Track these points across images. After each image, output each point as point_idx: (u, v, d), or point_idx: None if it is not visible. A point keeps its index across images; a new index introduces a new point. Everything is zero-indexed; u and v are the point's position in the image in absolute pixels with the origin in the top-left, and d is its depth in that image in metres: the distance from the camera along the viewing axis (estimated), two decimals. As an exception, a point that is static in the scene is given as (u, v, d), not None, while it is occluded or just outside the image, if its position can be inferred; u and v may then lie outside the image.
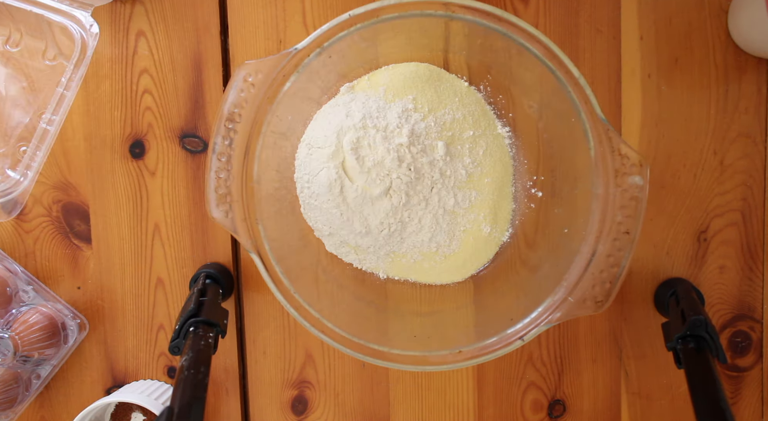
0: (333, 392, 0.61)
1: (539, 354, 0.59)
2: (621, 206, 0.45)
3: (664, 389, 0.59)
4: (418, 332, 0.52)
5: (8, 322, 0.59)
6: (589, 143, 0.45)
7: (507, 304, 0.53)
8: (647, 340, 0.59)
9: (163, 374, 0.62)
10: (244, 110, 0.46)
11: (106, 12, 0.58)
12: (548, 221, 0.53)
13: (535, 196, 0.54)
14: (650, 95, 0.56)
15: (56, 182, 0.60)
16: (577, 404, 0.60)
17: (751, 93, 0.56)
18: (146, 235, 0.60)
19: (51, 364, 0.61)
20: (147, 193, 0.60)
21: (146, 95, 0.59)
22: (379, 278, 0.57)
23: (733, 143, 0.56)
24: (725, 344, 0.58)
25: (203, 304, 0.51)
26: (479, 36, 0.51)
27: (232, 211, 0.47)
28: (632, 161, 0.44)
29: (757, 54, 0.55)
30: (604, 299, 0.45)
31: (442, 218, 0.54)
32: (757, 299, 0.58)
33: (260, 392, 0.62)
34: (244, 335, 0.61)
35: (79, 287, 0.62)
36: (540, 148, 0.54)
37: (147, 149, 0.60)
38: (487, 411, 0.60)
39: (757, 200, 0.57)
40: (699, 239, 0.57)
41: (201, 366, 0.44)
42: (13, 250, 0.61)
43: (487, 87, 0.55)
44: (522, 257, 0.55)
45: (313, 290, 0.53)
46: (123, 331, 0.62)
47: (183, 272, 0.61)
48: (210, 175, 0.46)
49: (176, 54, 0.59)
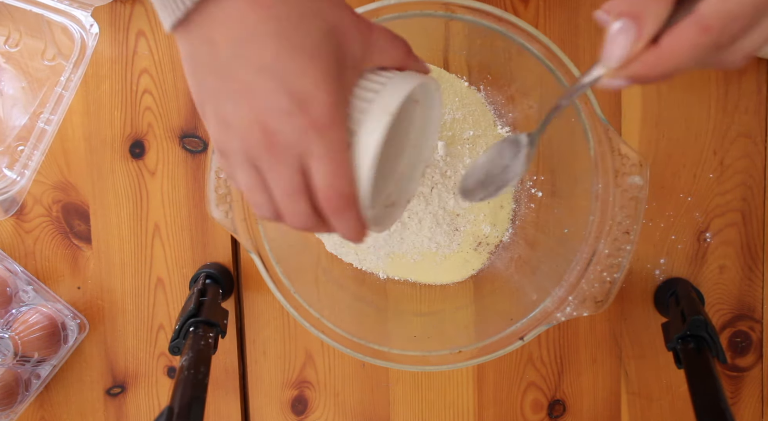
0: (333, 392, 0.61)
1: (539, 354, 0.59)
2: (621, 206, 0.45)
3: (664, 389, 0.59)
4: (418, 332, 0.52)
5: (8, 322, 0.59)
6: (589, 143, 0.45)
7: (507, 304, 0.53)
8: (647, 340, 0.59)
9: (163, 374, 0.62)
10: (244, 110, 0.46)
11: (106, 12, 0.58)
12: (548, 221, 0.53)
13: (535, 197, 0.54)
14: (650, 95, 0.56)
15: (56, 182, 0.60)
16: (577, 404, 0.60)
17: (751, 93, 0.56)
18: (146, 235, 0.60)
19: (51, 364, 0.61)
20: (147, 193, 0.60)
21: (146, 95, 0.59)
22: (379, 278, 0.57)
23: (733, 143, 0.56)
24: (725, 344, 0.58)
25: (203, 304, 0.51)
26: (479, 36, 0.51)
27: (232, 211, 0.47)
28: (632, 161, 0.44)
29: (757, 54, 0.55)
30: (604, 299, 0.45)
31: (442, 218, 0.54)
32: (757, 299, 0.58)
33: (260, 392, 0.62)
34: (244, 335, 0.61)
35: (79, 287, 0.62)
36: (540, 148, 0.54)
37: (147, 149, 0.60)
38: (487, 411, 0.60)
39: (757, 200, 0.57)
40: (699, 239, 0.57)
41: (201, 366, 0.44)
42: (13, 250, 0.61)
43: (487, 87, 0.55)
44: (522, 257, 0.55)
45: (313, 290, 0.53)
46: (123, 331, 0.62)
47: (183, 272, 0.61)
48: (210, 175, 0.46)
49: (176, 54, 0.59)
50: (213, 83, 0.30)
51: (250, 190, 0.31)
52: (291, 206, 0.31)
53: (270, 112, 0.29)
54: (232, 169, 0.32)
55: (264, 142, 0.29)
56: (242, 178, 0.31)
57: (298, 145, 0.29)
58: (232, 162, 0.31)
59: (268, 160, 0.30)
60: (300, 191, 0.30)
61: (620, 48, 0.26)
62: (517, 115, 0.54)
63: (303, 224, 0.32)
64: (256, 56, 0.28)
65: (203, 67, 0.30)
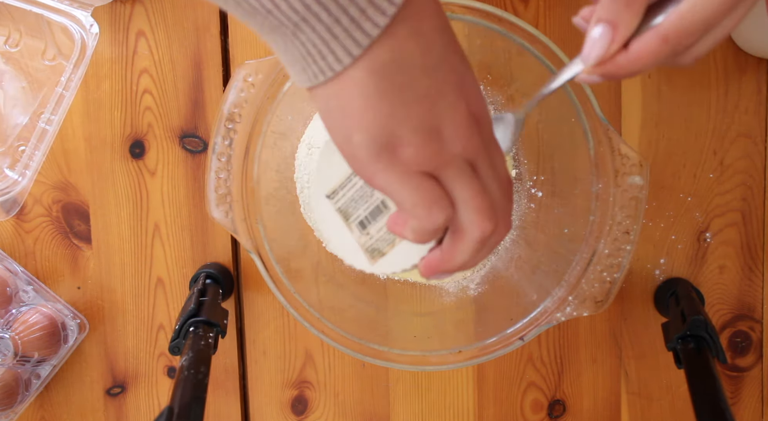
0: (333, 392, 0.61)
1: (539, 354, 0.59)
2: (621, 206, 0.45)
3: (664, 389, 0.59)
4: (418, 332, 0.52)
5: (8, 322, 0.59)
6: (589, 143, 0.45)
7: (507, 304, 0.53)
8: (647, 340, 0.59)
9: (163, 374, 0.62)
10: (244, 110, 0.46)
11: (106, 12, 0.58)
12: (548, 221, 0.53)
13: (535, 196, 0.54)
14: (650, 95, 0.56)
15: (56, 182, 0.60)
16: (577, 404, 0.60)
17: (751, 93, 0.56)
18: (146, 235, 0.60)
19: (51, 364, 0.61)
20: (147, 193, 0.60)
21: (146, 95, 0.59)
22: (379, 278, 0.57)
23: (733, 143, 0.56)
24: (725, 344, 0.58)
25: (203, 304, 0.51)
26: (479, 36, 0.51)
27: (232, 211, 0.47)
28: (632, 161, 0.44)
29: (757, 54, 0.55)
30: (604, 299, 0.45)
31: (442, 218, 0.54)
32: (757, 299, 0.58)
33: (260, 392, 0.62)
34: (244, 335, 0.61)
35: (79, 287, 0.62)
36: (540, 148, 0.54)
37: (147, 149, 0.60)
38: (487, 411, 0.60)
39: (757, 200, 0.57)
40: (699, 239, 0.57)
41: (201, 366, 0.44)
42: (13, 250, 0.61)
43: (487, 87, 0.55)
44: (522, 257, 0.55)
45: (313, 290, 0.53)
46: (123, 331, 0.62)
47: (183, 272, 0.61)
48: (210, 175, 0.46)
49: (176, 54, 0.59)
50: (424, 86, 0.28)
51: (479, 194, 0.30)
52: (506, 201, 0.32)
53: (477, 99, 0.29)
54: (451, 180, 0.30)
55: (479, 134, 0.29)
56: (466, 187, 0.30)
57: (492, 132, 0.31)
58: (450, 174, 0.29)
59: (485, 154, 0.30)
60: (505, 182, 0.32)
61: (598, 49, 0.31)
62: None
63: (510, 223, 0.33)
64: (457, 44, 0.29)
65: (413, 71, 0.27)
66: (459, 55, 0.29)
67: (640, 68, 0.31)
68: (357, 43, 0.26)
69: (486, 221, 0.31)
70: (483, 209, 0.30)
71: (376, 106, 0.28)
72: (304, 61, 0.28)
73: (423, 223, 0.30)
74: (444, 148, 0.29)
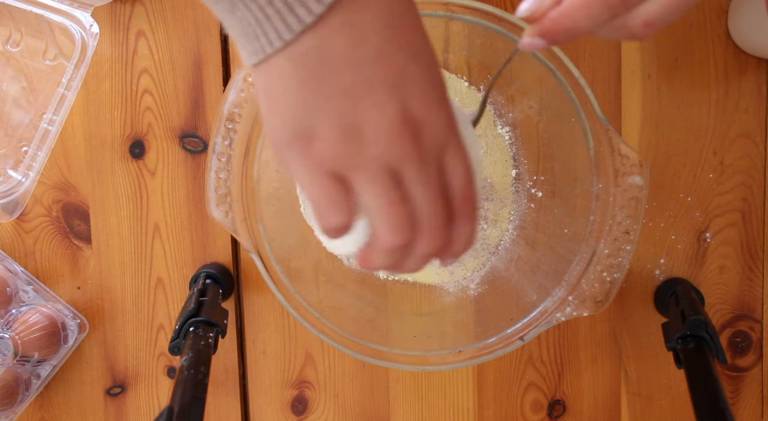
0: (333, 392, 0.61)
1: (539, 354, 0.59)
2: (621, 206, 0.45)
3: (664, 389, 0.59)
4: (418, 332, 0.52)
5: (8, 322, 0.59)
6: (589, 143, 0.45)
7: (507, 304, 0.53)
8: (647, 340, 0.59)
9: (163, 374, 0.62)
10: (244, 110, 0.46)
11: (106, 12, 0.58)
12: (548, 221, 0.53)
13: (535, 196, 0.54)
14: (650, 95, 0.56)
15: (56, 182, 0.60)
16: (577, 404, 0.60)
17: (751, 93, 0.56)
18: (146, 235, 0.60)
19: (51, 364, 0.61)
20: (147, 193, 0.60)
21: (146, 95, 0.59)
22: (379, 278, 0.57)
23: (733, 143, 0.56)
24: (725, 344, 0.58)
25: (203, 304, 0.51)
26: (479, 36, 0.51)
27: (232, 211, 0.47)
28: (632, 161, 0.44)
29: (757, 54, 0.55)
30: (604, 299, 0.45)
31: (442, 218, 0.54)
32: (757, 299, 0.58)
33: (260, 392, 0.62)
34: (244, 335, 0.61)
35: (79, 287, 0.62)
36: (540, 148, 0.54)
37: (147, 149, 0.60)
38: (487, 411, 0.60)
39: (757, 200, 0.57)
40: (699, 239, 0.57)
41: (201, 366, 0.44)
42: (13, 250, 0.62)
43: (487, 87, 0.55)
44: (522, 256, 0.55)
45: (313, 290, 0.53)
46: (123, 331, 0.62)
47: (183, 272, 0.61)
48: (210, 175, 0.46)
49: (176, 54, 0.59)
50: (347, 80, 0.27)
51: (390, 205, 0.28)
52: (435, 215, 0.29)
53: (424, 102, 0.27)
54: (361, 185, 0.28)
55: (412, 140, 0.27)
56: (377, 194, 0.28)
57: (444, 139, 0.28)
58: (361, 178, 0.28)
59: (417, 162, 0.27)
60: (442, 195, 0.29)
61: (529, 2, 0.31)
62: (517, 115, 0.54)
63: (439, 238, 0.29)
64: (409, 40, 0.27)
65: (336, 64, 0.26)
66: (406, 52, 0.27)
67: (576, 25, 0.29)
68: (289, 27, 0.26)
69: (391, 234, 0.28)
70: (391, 221, 0.28)
71: (293, 94, 0.27)
72: (244, 39, 0.27)
73: (320, 221, 0.29)
74: (360, 150, 0.27)
